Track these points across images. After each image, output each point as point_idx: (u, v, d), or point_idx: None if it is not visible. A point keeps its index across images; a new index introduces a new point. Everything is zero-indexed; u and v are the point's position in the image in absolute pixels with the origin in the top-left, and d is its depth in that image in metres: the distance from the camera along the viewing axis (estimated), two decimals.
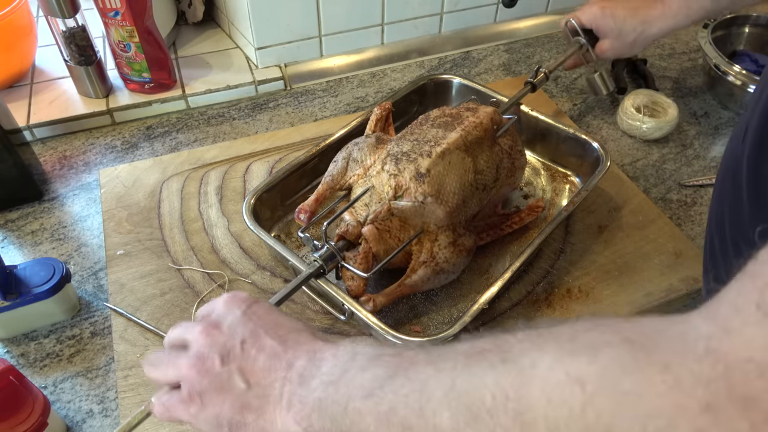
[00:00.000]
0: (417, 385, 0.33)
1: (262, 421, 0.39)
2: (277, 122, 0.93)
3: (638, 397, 0.24)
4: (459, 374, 0.31)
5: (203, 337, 0.42)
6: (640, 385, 0.25)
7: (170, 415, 0.42)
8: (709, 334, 0.24)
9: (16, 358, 0.63)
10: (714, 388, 0.23)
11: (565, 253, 0.72)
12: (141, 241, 0.72)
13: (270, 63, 1.00)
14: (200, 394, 0.40)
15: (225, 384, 0.40)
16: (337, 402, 0.36)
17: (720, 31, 0.99)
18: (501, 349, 0.31)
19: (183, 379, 0.41)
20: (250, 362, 0.40)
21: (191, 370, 0.41)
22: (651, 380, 0.24)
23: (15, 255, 0.73)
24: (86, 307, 0.67)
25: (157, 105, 0.93)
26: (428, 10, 1.05)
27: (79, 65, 0.88)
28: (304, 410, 0.37)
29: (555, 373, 0.27)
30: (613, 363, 0.26)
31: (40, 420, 0.52)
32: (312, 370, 0.39)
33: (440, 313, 0.65)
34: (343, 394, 0.36)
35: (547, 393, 0.27)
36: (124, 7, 0.82)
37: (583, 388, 0.26)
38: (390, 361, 0.36)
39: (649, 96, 0.91)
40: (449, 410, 0.30)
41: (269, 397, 0.39)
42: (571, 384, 0.26)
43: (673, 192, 0.83)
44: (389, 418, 0.33)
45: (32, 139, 0.89)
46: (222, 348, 0.41)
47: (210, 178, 0.81)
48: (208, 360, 0.41)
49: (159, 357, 0.44)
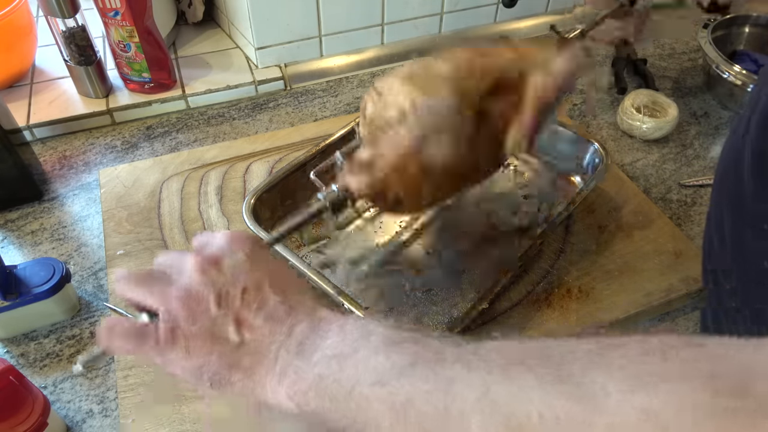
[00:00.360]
0: (443, 382, 0.29)
1: (251, 383, 0.34)
2: (277, 122, 0.93)
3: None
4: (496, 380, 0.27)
5: (199, 272, 0.36)
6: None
7: (137, 350, 0.36)
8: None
9: (16, 358, 0.63)
10: None
11: (565, 253, 0.72)
12: (141, 241, 0.72)
13: (270, 63, 1.00)
14: (186, 338, 0.34)
15: (217, 333, 0.35)
16: (340, 382, 0.31)
17: (720, 31, 0.99)
18: (551, 362, 0.27)
19: (169, 313, 0.35)
20: (249, 314, 0.35)
21: (180, 306, 0.35)
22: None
23: (15, 255, 0.73)
24: (86, 307, 0.67)
25: (157, 105, 0.93)
26: (428, 10, 1.05)
27: (79, 65, 0.88)
28: (300, 385, 0.33)
29: (625, 406, 0.23)
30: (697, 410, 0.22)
31: (40, 420, 0.52)
32: (315, 340, 0.34)
33: (440, 312, 0.65)
34: (349, 376, 0.31)
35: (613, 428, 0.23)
36: (124, 7, 0.82)
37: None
38: (410, 349, 0.31)
39: (649, 96, 0.91)
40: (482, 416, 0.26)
41: (263, 360, 0.34)
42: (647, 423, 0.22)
43: (673, 192, 0.83)
44: (406, 412, 0.29)
45: (32, 139, 0.89)
46: (219, 290, 0.35)
47: (210, 178, 0.81)
48: (203, 300, 0.35)
49: (141, 276, 0.37)
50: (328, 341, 0.33)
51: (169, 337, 0.35)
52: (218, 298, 0.35)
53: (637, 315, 0.67)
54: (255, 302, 0.35)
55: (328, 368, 0.32)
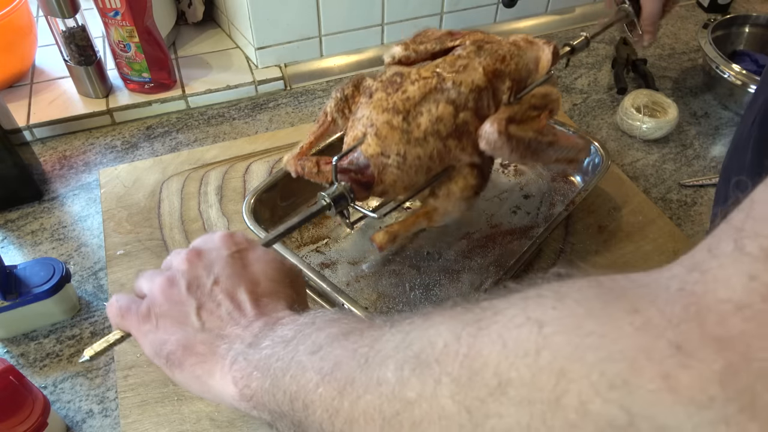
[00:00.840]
0: (368, 340, 0.31)
1: (200, 369, 0.37)
2: (277, 122, 0.93)
3: (600, 339, 0.22)
4: (415, 327, 0.29)
5: (182, 261, 0.41)
6: (604, 327, 0.22)
7: (122, 321, 0.41)
8: (684, 277, 0.22)
9: (16, 358, 0.63)
10: (686, 328, 0.20)
11: (565, 253, 0.72)
12: (141, 241, 0.72)
13: (270, 63, 1.00)
14: (157, 316, 0.39)
15: (181, 316, 0.39)
16: (281, 359, 0.33)
17: (720, 31, 0.99)
18: (466, 302, 0.29)
19: (149, 294, 0.41)
20: (212, 304, 0.39)
21: (157, 289, 0.40)
22: (616, 322, 0.22)
23: (15, 255, 0.73)
24: (86, 307, 0.67)
25: (157, 105, 0.93)
26: (428, 10, 1.05)
27: (79, 65, 0.88)
28: (247, 369, 0.35)
29: (515, 319, 0.25)
30: (579, 306, 0.24)
31: (40, 420, 0.52)
32: (268, 332, 0.36)
33: None
34: (289, 351, 0.33)
35: (503, 337, 0.24)
36: (124, 7, 0.82)
37: (541, 329, 0.23)
38: (348, 323, 0.34)
39: (649, 96, 0.91)
40: (395, 361, 0.28)
41: (216, 348, 0.37)
42: (530, 326, 0.24)
43: (673, 192, 0.83)
44: (333, 373, 0.30)
45: (32, 139, 0.89)
46: (193, 278, 0.40)
47: (210, 178, 0.81)
48: (175, 286, 0.40)
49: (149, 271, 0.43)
50: (278, 332, 0.36)
51: (144, 313, 0.40)
52: (189, 285, 0.39)
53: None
54: (222, 293, 0.39)
55: (272, 349, 0.34)
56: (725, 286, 0.20)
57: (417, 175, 0.56)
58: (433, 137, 0.55)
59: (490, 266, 0.70)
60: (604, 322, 0.22)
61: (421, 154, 0.55)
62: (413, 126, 0.54)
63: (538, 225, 0.75)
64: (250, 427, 0.55)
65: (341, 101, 0.60)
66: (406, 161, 0.54)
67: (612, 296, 0.24)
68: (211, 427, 0.55)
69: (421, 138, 0.54)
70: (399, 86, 0.56)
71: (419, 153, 0.54)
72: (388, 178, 0.55)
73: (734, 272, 0.21)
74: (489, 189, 0.79)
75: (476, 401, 0.24)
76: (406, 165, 0.54)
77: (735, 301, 0.20)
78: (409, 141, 0.54)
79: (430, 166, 0.56)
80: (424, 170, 0.55)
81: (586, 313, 0.23)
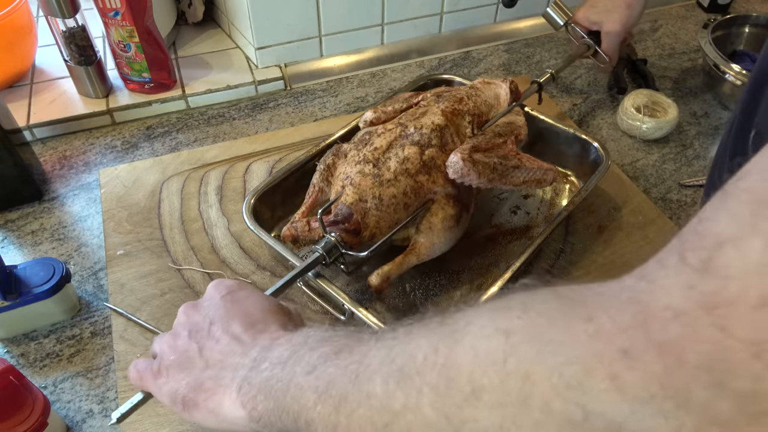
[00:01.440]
0: (358, 356, 0.33)
1: (212, 402, 0.39)
2: (277, 122, 0.93)
3: (559, 346, 0.25)
4: (398, 342, 0.32)
5: (182, 315, 0.46)
6: (562, 334, 0.25)
7: (141, 383, 0.45)
8: (634, 287, 0.25)
9: (16, 358, 0.63)
10: (632, 334, 0.23)
11: (565, 253, 0.72)
12: (141, 241, 0.72)
13: (270, 63, 1.00)
14: (167, 368, 0.42)
15: (187, 361, 0.42)
16: (281, 380, 0.36)
17: (720, 31, 0.99)
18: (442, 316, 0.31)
19: (159, 352, 0.45)
20: (212, 343, 0.42)
21: (164, 344, 0.44)
22: (573, 330, 0.25)
23: (15, 255, 0.73)
24: (86, 307, 0.67)
25: (157, 105, 0.93)
26: (428, 10, 1.05)
27: (79, 65, 0.88)
28: (251, 392, 0.38)
29: (485, 329, 0.27)
30: (541, 316, 0.26)
31: (40, 420, 0.52)
32: (266, 354, 0.39)
33: None
34: (287, 373, 0.36)
35: (474, 347, 0.27)
36: (124, 7, 0.82)
37: (508, 339, 0.26)
38: (338, 341, 0.37)
39: (649, 96, 0.91)
40: (381, 376, 0.30)
41: (222, 380, 0.40)
42: (498, 336, 0.27)
43: (673, 192, 0.83)
44: (328, 390, 0.33)
45: (32, 139, 0.89)
46: (192, 326, 0.44)
47: (210, 178, 0.81)
48: (179, 337, 0.44)
49: (160, 334, 0.47)
50: (275, 353, 0.39)
51: (156, 370, 0.43)
52: (190, 333, 0.44)
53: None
54: (219, 331, 0.42)
55: (272, 371, 0.37)
56: (667, 295, 0.23)
57: (396, 213, 0.61)
58: (403, 176, 0.61)
59: (490, 266, 0.70)
60: (562, 330, 0.25)
61: (395, 193, 0.61)
62: (383, 170, 0.61)
63: (538, 225, 0.75)
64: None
65: (324, 171, 0.67)
66: (383, 202, 0.60)
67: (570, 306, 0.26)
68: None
69: (392, 179, 0.61)
70: (367, 142, 0.65)
71: (393, 192, 0.61)
72: (371, 221, 0.60)
73: (676, 282, 0.23)
74: (489, 189, 0.80)
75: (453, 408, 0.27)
76: (384, 205, 0.60)
77: (674, 309, 0.22)
78: (381, 183, 0.61)
79: (407, 202, 0.61)
80: (402, 207, 0.61)
81: (547, 323, 0.26)
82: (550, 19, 0.96)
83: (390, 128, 0.65)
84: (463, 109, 0.68)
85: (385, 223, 0.61)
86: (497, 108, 0.73)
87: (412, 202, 0.62)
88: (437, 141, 0.64)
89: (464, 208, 0.65)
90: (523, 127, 0.72)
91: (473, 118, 0.69)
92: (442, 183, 0.62)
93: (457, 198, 0.64)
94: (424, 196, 0.62)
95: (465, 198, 0.65)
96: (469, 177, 0.60)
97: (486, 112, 0.72)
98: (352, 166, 0.63)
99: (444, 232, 0.63)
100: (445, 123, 0.66)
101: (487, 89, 0.74)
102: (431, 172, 0.62)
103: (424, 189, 0.62)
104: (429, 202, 0.63)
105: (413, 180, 0.61)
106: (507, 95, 0.73)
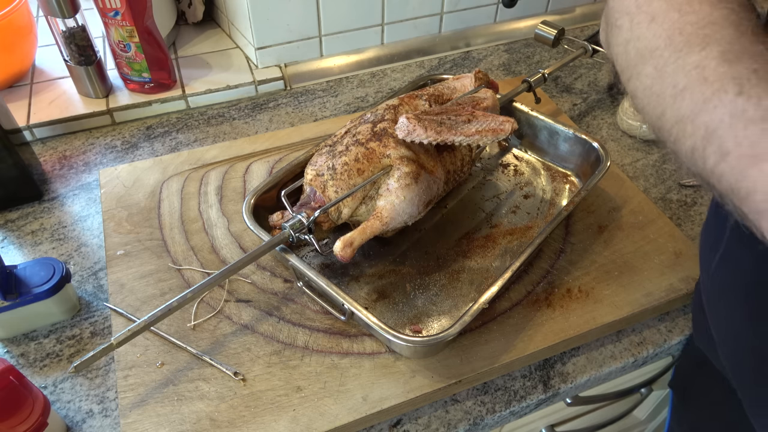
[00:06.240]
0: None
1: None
2: (277, 122, 0.93)
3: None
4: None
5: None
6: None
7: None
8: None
9: (16, 358, 0.63)
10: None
11: (565, 253, 0.72)
12: (141, 241, 0.72)
13: (270, 63, 1.00)
14: None
15: None
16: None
17: None
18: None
19: None
20: None
21: None
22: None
23: (15, 255, 0.73)
24: (86, 307, 0.67)
25: (157, 105, 0.93)
26: (428, 10, 1.05)
27: (79, 65, 0.88)
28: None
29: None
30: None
31: (40, 420, 0.52)
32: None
33: (440, 312, 0.65)
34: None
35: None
36: (124, 7, 0.82)
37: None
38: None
39: None
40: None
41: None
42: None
43: (673, 192, 0.83)
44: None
45: (32, 139, 0.89)
46: None
47: (210, 178, 0.81)
48: None
49: None
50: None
51: None
52: None
53: (637, 315, 0.67)
54: None
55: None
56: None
57: (351, 178, 0.63)
58: (354, 145, 0.64)
59: (490, 266, 0.70)
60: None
61: (347, 161, 0.63)
62: (337, 146, 0.66)
63: (538, 225, 0.75)
64: (250, 427, 0.55)
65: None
66: (336, 170, 0.63)
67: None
68: (211, 427, 0.55)
69: (343, 150, 0.64)
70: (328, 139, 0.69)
71: (345, 160, 0.64)
72: (330, 191, 0.63)
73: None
74: (489, 189, 0.80)
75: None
76: (337, 173, 0.63)
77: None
78: (334, 155, 0.64)
79: (360, 168, 0.64)
80: (356, 172, 0.63)
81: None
82: (542, 39, 0.98)
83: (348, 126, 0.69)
84: (420, 95, 0.73)
85: (343, 192, 0.63)
86: (461, 93, 0.76)
87: (365, 167, 0.63)
88: (390, 116, 0.68)
89: (422, 168, 0.66)
90: (489, 98, 0.74)
91: (430, 98, 0.73)
92: (394, 146, 0.64)
93: (411, 159, 0.65)
94: (378, 161, 0.64)
95: (423, 160, 0.66)
96: (416, 132, 0.61)
97: (448, 95, 0.76)
98: (316, 157, 0.68)
99: (401, 190, 0.63)
100: (399, 103, 0.70)
101: (454, 81, 0.78)
102: (382, 139, 0.65)
103: (377, 154, 0.64)
104: (387, 168, 0.64)
105: (364, 147, 0.64)
106: (472, 82, 0.77)
